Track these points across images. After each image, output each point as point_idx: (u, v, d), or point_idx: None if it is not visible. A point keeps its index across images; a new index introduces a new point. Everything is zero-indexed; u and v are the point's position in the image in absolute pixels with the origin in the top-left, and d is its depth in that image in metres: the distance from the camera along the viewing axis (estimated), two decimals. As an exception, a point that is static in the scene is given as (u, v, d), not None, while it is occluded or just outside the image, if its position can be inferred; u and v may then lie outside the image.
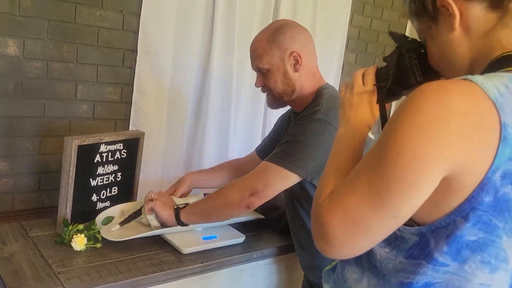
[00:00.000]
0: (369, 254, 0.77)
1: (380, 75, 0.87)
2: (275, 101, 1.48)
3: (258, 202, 1.30)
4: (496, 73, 0.66)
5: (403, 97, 0.86)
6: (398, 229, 0.70)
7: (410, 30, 2.88)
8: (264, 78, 1.45)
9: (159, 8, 1.89)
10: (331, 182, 0.75)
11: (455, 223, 0.65)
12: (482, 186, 0.62)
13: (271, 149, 1.62)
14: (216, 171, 1.78)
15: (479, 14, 0.70)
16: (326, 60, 2.45)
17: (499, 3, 0.69)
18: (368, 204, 0.64)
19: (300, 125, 1.35)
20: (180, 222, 1.39)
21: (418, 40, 0.83)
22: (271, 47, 1.39)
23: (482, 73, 0.68)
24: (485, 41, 0.71)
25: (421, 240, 0.69)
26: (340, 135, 0.85)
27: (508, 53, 0.68)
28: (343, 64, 2.64)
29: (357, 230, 0.66)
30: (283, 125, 1.64)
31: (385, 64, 0.88)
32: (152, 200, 1.44)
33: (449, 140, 0.60)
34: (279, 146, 1.36)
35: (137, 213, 1.46)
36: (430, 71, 0.81)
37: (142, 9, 1.85)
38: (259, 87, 1.49)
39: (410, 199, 0.63)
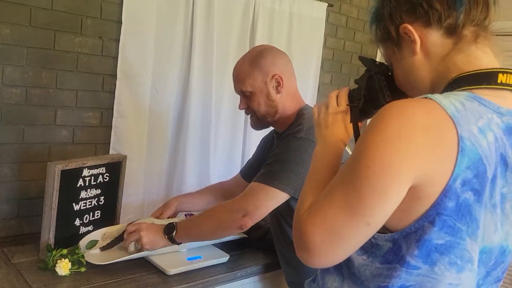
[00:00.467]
0: (348, 262, 0.81)
1: (352, 96, 0.94)
2: (259, 122, 1.53)
3: (251, 222, 1.32)
4: (453, 92, 0.74)
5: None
6: (373, 237, 0.75)
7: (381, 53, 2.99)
8: (247, 101, 1.50)
9: (138, 34, 1.93)
10: (310, 196, 0.80)
11: (423, 228, 0.71)
12: (445, 193, 0.68)
13: (255, 171, 1.66)
14: (202, 194, 1.80)
15: (437, 40, 0.78)
16: (303, 81, 2.52)
17: (453, 30, 0.77)
18: (345, 214, 0.70)
19: (284, 144, 1.39)
20: (176, 243, 1.42)
21: (385, 63, 0.89)
22: (253, 70, 1.45)
23: (441, 92, 0.75)
24: (443, 64, 0.78)
25: (394, 245, 0.75)
26: (317, 152, 0.92)
27: (462, 75, 0.76)
28: (319, 85, 2.72)
29: (335, 239, 0.71)
30: (266, 146, 1.68)
31: (356, 86, 0.95)
32: (134, 234, 1.40)
33: (413, 152, 0.67)
34: (265, 167, 1.40)
35: (119, 239, 1.46)
36: (397, 92, 0.88)
37: (121, 34, 1.89)
38: (243, 109, 1.53)
39: (382, 206, 0.69)
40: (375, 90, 0.88)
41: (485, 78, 0.74)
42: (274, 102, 1.47)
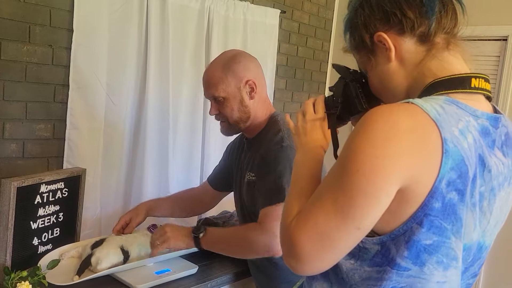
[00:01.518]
0: (335, 268, 0.82)
1: (329, 103, 0.96)
2: (230, 128, 1.49)
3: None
4: (431, 96, 0.77)
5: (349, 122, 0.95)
6: (361, 241, 0.76)
7: (333, 57, 3.07)
8: (219, 106, 1.45)
9: (90, 42, 1.86)
10: (296, 204, 0.80)
11: (412, 229, 0.72)
12: (432, 194, 0.70)
13: (223, 178, 1.63)
14: (172, 201, 1.76)
15: (411, 47, 0.80)
16: (258, 87, 2.53)
17: (426, 38, 0.80)
18: (335, 219, 0.70)
19: (272, 157, 1.35)
20: (198, 247, 1.42)
21: (359, 71, 0.92)
22: (226, 75, 1.42)
23: (418, 97, 0.78)
24: (418, 70, 0.81)
25: (383, 248, 0.76)
26: (298, 160, 0.92)
27: (438, 80, 0.79)
28: (274, 90, 2.74)
29: (326, 244, 0.71)
30: (233, 151, 1.65)
31: (331, 93, 0.96)
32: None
33: (400, 154, 0.68)
34: (263, 186, 1.35)
35: (88, 260, 1.39)
36: (372, 98, 0.90)
37: (72, 42, 1.81)
38: (214, 115, 1.49)
39: (372, 209, 0.70)
40: (351, 98, 0.90)
41: (460, 83, 0.77)
42: (247, 108, 1.44)
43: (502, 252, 2.26)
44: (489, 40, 2.52)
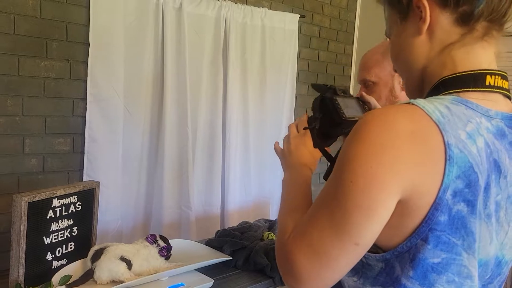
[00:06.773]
0: (338, 285, 0.76)
1: (310, 121, 0.94)
2: None
3: None
4: (438, 96, 0.69)
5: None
6: (364, 257, 0.69)
7: (356, 61, 2.99)
8: (368, 92, 1.36)
9: (107, 54, 1.87)
10: (290, 220, 0.75)
11: (416, 246, 0.65)
12: (436, 206, 0.63)
13: None
14: None
15: (447, 25, 0.71)
16: (279, 93, 2.48)
17: (467, 19, 0.70)
18: (331, 234, 0.65)
19: None
20: None
21: (334, 85, 0.90)
22: (384, 60, 1.35)
23: (425, 96, 0.70)
24: (442, 55, 0.72)
25: (387, 266, 0.69)
26: (285, 181, 0.88)
27: (447, 77, 0.70)
28: (296, 96, 2.68)
29: (323, 262, 0.66)
30: None
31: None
32: None
33: (398, 162, 0.61)
34: None
35: (87, 275, 1.37)
36: (355, 108, 0.88)
37: (89, 56, 1.83)
38: None
39: (370, 224, 0.63)
40: (328, 110, 0.88)
41: (472, 81, 0.69)
42: (396, 98, 1.35)
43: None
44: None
